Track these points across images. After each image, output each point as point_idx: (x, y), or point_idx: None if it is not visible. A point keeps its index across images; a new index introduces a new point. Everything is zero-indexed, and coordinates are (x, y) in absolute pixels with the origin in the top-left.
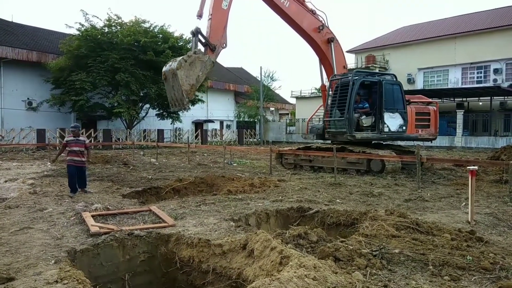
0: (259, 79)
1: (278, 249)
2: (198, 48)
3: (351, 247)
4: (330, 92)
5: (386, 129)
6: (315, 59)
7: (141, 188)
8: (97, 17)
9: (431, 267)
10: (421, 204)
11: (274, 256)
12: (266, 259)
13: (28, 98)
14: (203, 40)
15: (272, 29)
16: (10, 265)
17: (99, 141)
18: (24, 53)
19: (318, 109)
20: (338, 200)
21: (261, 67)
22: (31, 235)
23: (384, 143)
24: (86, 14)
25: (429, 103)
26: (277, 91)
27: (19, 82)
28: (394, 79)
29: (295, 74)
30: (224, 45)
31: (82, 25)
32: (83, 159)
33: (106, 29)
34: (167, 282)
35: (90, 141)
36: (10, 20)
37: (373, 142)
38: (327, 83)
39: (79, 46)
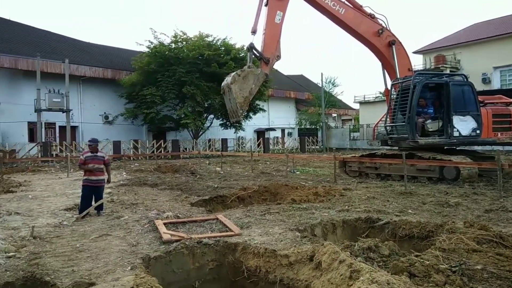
0: (320, 86)
1: (347, 262)
2: (251, 63)
3: (427, 262)
4: (393, 96)
5: (456, 134)
6: (378, 63)
7: (208, 197)
8: (165, 34)
9: None
10: (504, 215)
11: (343, 270)
12: (335, 272)
13: (104, 113)
14: (258, 55)
15: (332, 34)
16: (91, 271)
17: (168, 151)
18: (100, 71)
19: (385, 114)
20: (410, 211)
21: (322, 73)
22: (109, 241)
23: (457, 148)
24: (155, 32)
25: (510, 104)
26: (339, 97)
27: (96, 98)
28: (464, 79)
29: (358, 78)
30: (278, 57)
31: (151, 43)
32: (101, 177)
33: (173, 45)
34: None
35: (109, 158)
36: (88, 42)
37: (445, 147)
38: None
39: (149, 62)
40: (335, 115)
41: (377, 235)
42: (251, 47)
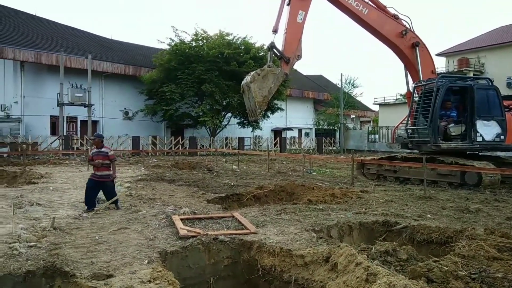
0: (339, 86)
1: (364, 265)
2: (271, 62)
3: (446, 268)
4: (415, 98)
5: (479, 139)
6: (400, 64)
7: (224, 194)
8: (186, 32)
9: None
10: None
11: (360, 273)
12: (351, 275)
13: (125, 108)
14: (278, 54)
15: (353, 34)
16: (110, 263)
17: (185, 148)
18: (121, 67)
19: (406, 117)
20: (429, 215)
21: (341, 73)
22: (127, 235)
23: (479, 153)
24: (176, 29)
25: None
26: (358, 98)
27: (117, 93)
28: (490, 83)
29: (378, 80)
30: (299, 56)
31: (172, 40)
32: (105, 173)
33: (194, 43)
34: None
35: (114, 153)
36: (110, 38)
37: (467, 152)
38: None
39: (169, 59)
40: (354, 116)
41: (394, 239)
42: (272, 46)
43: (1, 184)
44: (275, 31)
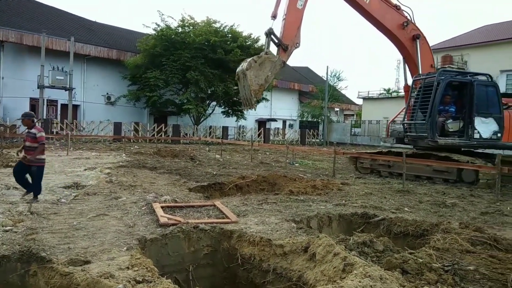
0: (325, 79)
1: (341, 256)
2: (270, 49)
3: (420, 260)
4: (413, 93)
5: (476, 136)
6: (385, 59)
7: (206, 183)
8: (172, 18)
9: None
10: (500, 218)
11: (337, 263)
12: (328, 265)
13: (107, 93)
14: (276, 41)
15: (341, 28)
16: (87, 249)
17: (168, 135)
18: (105, 51)
19: (401, 111)
20: (406, 209)
21: (327, 66)
22: (106, 221)
23: (475, 151)
24: (162, 14)
25: None
26: (343, 91)
27: (99, 77)
28: (489, 80)
29: (363, 74)
30: (297, 44)
31: (158, 25)
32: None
33: (180, 29)
34: (228, 277)
35: (42, 136)
36: (94, 21)
37: (462, 149)
38: (410, 83)
39: (154, 45)
40: (338, 109)
41: (372, 230)
42: (270, 32)
43: None
44: (274, 16)
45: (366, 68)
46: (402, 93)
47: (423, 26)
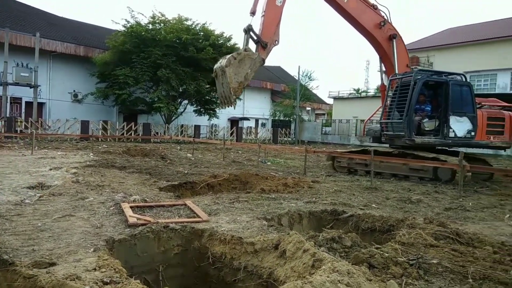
0: (297, 78)
1: (311, 252)
2: (249, 46)
3: (386, 254)
4: (390, 92)
5: (451, 134)
6: (354, 59)
7: (177, 182)
8: (142, 14)
9: (470, 280)
10: (462, 213)
11: (307, 259)
12: (298, 261)
13: (74, 91)
14: (255, 38)
15: (312, 28)
16: (52, 251)
17: (138, 134)
18: (72, 47)
19: (377, 110)
20: (373, 205)
21: (299, 66)
22: (72, 222)
23: (449, 149)
24: (132, 11)
25: (504, 107)
26: (314, 91)
27: (66, 75)
28: (464, 80)
29: (333, 74)
30: (276, 42)
31: (128, 22)
32: None
33: (150, 26)
34: (199, 276)
35: None
36: (61, 16)
37: (437, 148)
38: (387, 83)
39: (124, 42)
40: (309, 108)
41: (341, 227)
42: (249, 29)
43: None
44: (253, 13)
45: (336, 68)
46: (371, 93)
47: (396, 26)
